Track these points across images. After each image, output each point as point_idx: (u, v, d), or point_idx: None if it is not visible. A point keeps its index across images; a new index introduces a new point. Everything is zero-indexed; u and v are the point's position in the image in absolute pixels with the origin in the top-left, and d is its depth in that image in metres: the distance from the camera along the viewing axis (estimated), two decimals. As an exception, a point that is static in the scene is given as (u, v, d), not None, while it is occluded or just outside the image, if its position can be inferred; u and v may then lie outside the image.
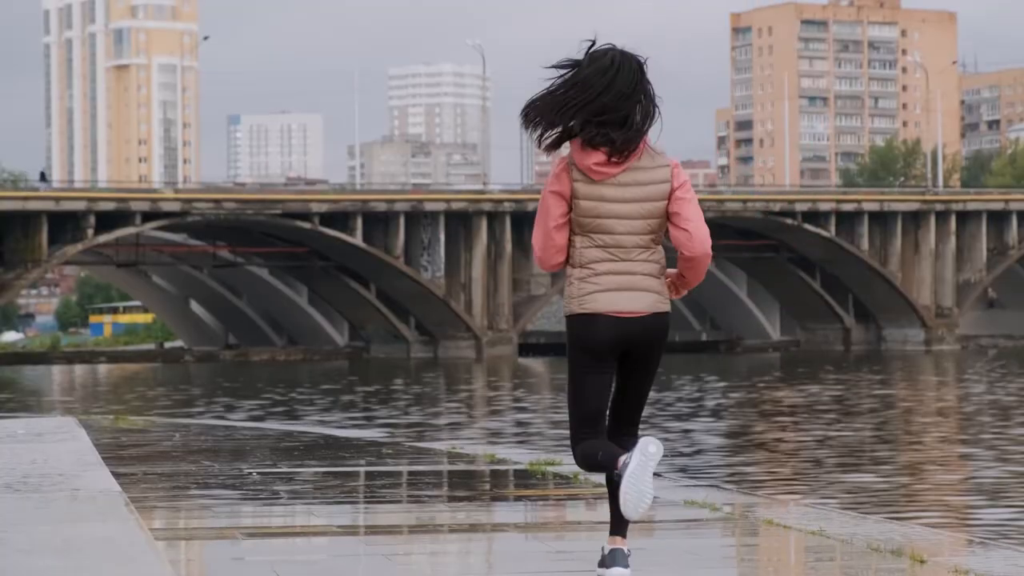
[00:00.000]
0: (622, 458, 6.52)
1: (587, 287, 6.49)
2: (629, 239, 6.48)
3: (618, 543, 6.79)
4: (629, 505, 6.57)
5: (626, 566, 6.70)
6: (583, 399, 6.60)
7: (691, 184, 6.58)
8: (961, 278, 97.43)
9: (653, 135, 6.51)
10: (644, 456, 6.52)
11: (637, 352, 6.62)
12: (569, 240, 6.51)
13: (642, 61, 6.52)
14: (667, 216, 6.54)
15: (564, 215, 6.48)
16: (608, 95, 6.40)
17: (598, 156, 6.42)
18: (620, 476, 6.51)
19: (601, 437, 6.62)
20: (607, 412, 6.66)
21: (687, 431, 26.20)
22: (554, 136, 6.49)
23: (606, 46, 6.50)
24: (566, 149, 6.51)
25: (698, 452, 21.77)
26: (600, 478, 8.69)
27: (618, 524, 6.79)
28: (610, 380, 6.62)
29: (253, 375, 62.58)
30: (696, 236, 6.56)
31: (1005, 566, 7.48)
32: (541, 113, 6.49)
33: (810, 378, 50.80)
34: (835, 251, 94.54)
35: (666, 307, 6.55)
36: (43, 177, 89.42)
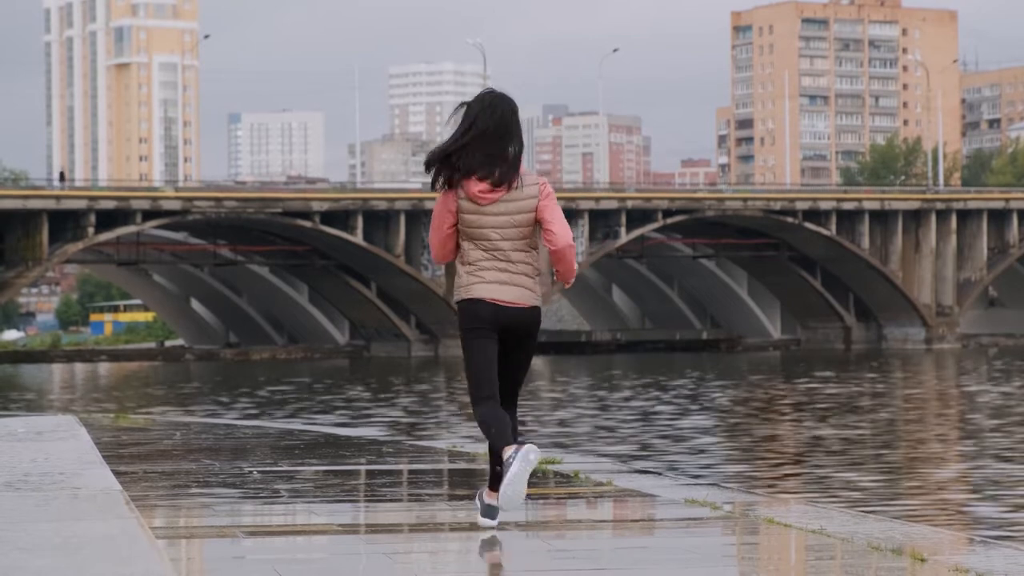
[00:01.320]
0: (508, 451, 7.89)
1: (472, 280, 8.01)
2: (505, 243, 8.01)
3: (495, 498, 8.21)
4: (507, 501, 7.97)
5: (496, 519, 8.33)
6: (476, 367, 8.04)
7: (554, 195, 8.18)
8: (962, 277, 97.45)
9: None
10: (524, 463, 7.89)
11: (513, 338, 8.05)
12: (458, 243, 8.09)
13: (516, 105, 8.01)
14: (538, 222, 8.04)
15: (452, 226, 8.08)
16: (491, 132, 7.94)
17: (483, 185, 7.96)
18: (502, 471, 7.91)
19: (495, 402, 8.02)
20: (496, 379, 8.02)
21: (687, 430, 26.20)
22: (444, 179, 8.01)
23: (487, 90, 8.04)
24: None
25: (698, 451, 21.77)
26: (599, 477, 10.58)
27: (496, 481, 8.13)
28: (495, 351, 8.00)
29: (253, 374, 62.59)
30: (559, 233, 8.03)
31: (1006, 564, 7.47)
32: (439, 158, 8.01)
33: (810, 376, 50.80)
34: (836, 250, 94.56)
35: (537, 301, 7.99)
36: (62, 177, 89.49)
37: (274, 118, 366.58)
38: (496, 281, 7.98)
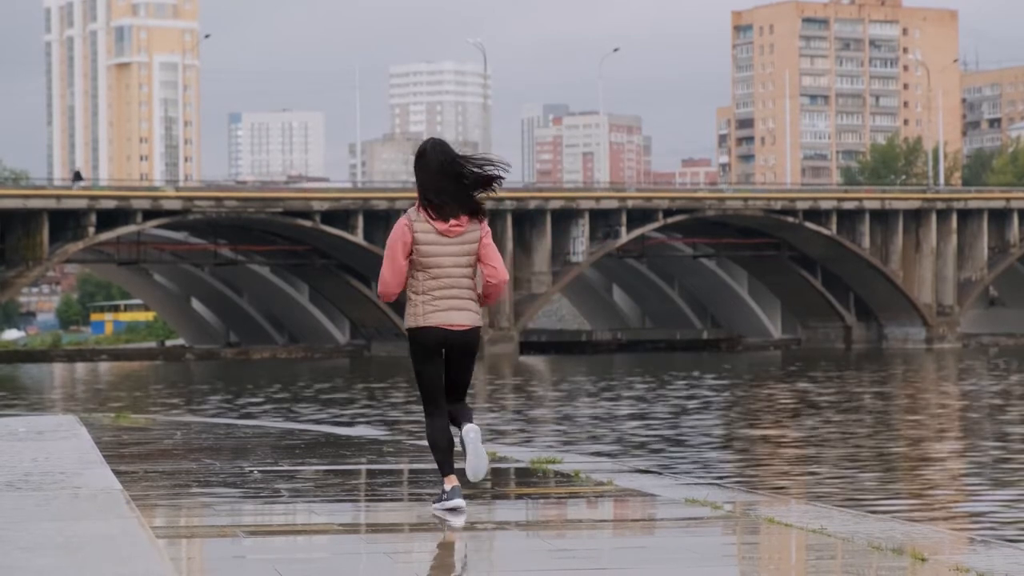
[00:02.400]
0: (453, 483, 9.36)
1: (428, 308, 9.20)
2: (457, 271, 9.19)
3: (455, 481, 9.44)
4: (475, 473, 9.38)
5: (462, 496, 9.40)
6: (427, 387, 9.37)
7: (491, 237, 9.31)
8: (962, 276, 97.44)
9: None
10: (471, 442, 9.33)
11: (458, 352, 9.30)
12: (410, 274, 9.22)
13: (454, 153, 9.33)
14: (478, 256, 9.26)
15: (407, 257, 9.20)
16: (450, 174, 9.31)
17: (449, 223, 9.21)
18: (446, 498, 9.37)
19: (443, 413, 9.37)
20: (443, 391, 9.36)
21: (687, 429, 26.20)
22: (430, 214, 9.36)
23: (431, 140, 9.50)
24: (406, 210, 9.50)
25: (699, 451, 21.77)
26: (599, 476, 11.22)
27: (451, 467, 9.44)
28: (441, 371, 9.33)
29: (254, 373, 62.59)
30: (499, 271, 9.23)
31: (1006, 564, 7.48)
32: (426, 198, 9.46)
33: (810, 376, 50.79)
34: (836, 249, 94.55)
35: (479, 322, 9.32)
36: (78, 176, 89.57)
37: (274, 118, 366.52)
38: (449, 308, 9.20)
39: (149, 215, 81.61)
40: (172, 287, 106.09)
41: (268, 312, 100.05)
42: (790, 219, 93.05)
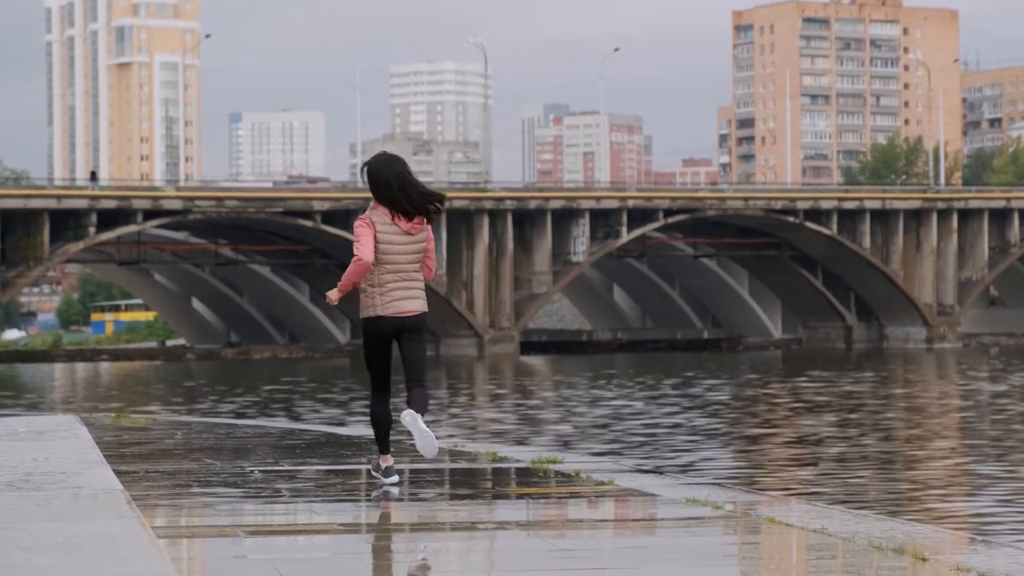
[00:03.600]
0: (388, 460, 10.78)
1: (385, 299, 10.47)
2: (410, 266, 10.51)
3: (390, 461, 10.81)
4: (423, 451, 10.53)
5: (396, 475, 10.79)
6: (375, 368, 10.65)
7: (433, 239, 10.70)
8: (963, 276, 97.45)
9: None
10: (410, 426, 10.42)
11: (410, 335, 10.54)
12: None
13: (404, 163, 10.58)
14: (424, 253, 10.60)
15: (375, 251, 10.44)
16: (400, 174, 10.53)
17: (412, 223, 10.48)
18: (378, 472, 10.83)
19: (387, 395, 10.72)
20: (390, 375, 10.65)
21: (688, 429, 26.20)
22: (395, 214, 10.54)
23: (381, 153, 10.69)
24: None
25: (699, 450, 21.77)
26: (600, 476, 11.50)
27: (387, 446, 10.78)
28: (389, 356, 10.60)
29: (261, 373, 62.61)
30: (432, 268, 10.69)
31: (1007, 564, 7.47)
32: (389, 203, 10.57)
33: (810, 376, 50.79)
34: (837, 249, 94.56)
35: (426, 308, 10.60)
36: (93, 176, 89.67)
37: (275, 118, 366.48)
38: (403, 298, 10.48)
39: (150, 215, 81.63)
40: (173, 287, 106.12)
41: (269, 312, 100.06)
42: (791, 219, 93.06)
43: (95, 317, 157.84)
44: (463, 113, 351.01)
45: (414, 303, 10.52)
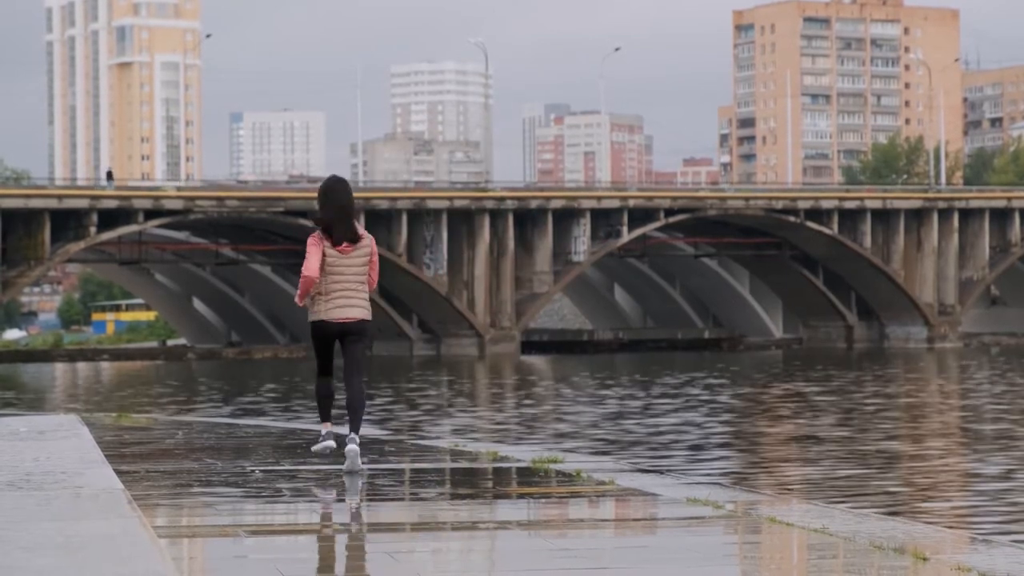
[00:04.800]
0: (327, 427, 12.37)
1: (330, 306, 12.03)
2: (353, 278, 12.05)
3: (330, 427, 12.39)
4: (351, 467, 11.80)
5: (332, 440, 12.31)
6: (321, 360, 12.29)
7: (376, 250, 12.24)
8: (964, 276, 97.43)
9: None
10: (353, 457, 11.83)
11: (351, 337, 12.12)
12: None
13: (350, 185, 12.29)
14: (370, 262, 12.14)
15: (322, 261, 11.93)
16: (340, 208, 12.08)
17: (341, 247, 11.98)
18: (320, 439, 12.40)
19: (329, 377, 12.35)
20: (331, 363, 12.26)
21: (689, 428, 26.20)
22: (326, 237, 12.08)
23: (332, 177, 12.35)
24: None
25: (700, 449, 21.77)
26: (601, 475, 11.62)
27: (327, 415, 12.47)
28: (332, 350, 12.23)
29: (255, 372, 62.61)
30: (374, 281, 12.19)
31: (1008, 563, 7.47)
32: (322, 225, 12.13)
33: (811, 375, 50.78)
34: (838, 249, 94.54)
35: (368, 316, 12.15)
36: (110, 176, 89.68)
37: (276, 117, 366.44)
38: (344, 305, 12.03)
39: (150, 215, 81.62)
40: (173, 287, 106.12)
41: (269, 311, 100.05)
42: (791, 218, 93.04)
43: (96, 317, 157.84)
44: (464, 113, 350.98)
45: (355, 311, 12.05)
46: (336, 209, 12.05)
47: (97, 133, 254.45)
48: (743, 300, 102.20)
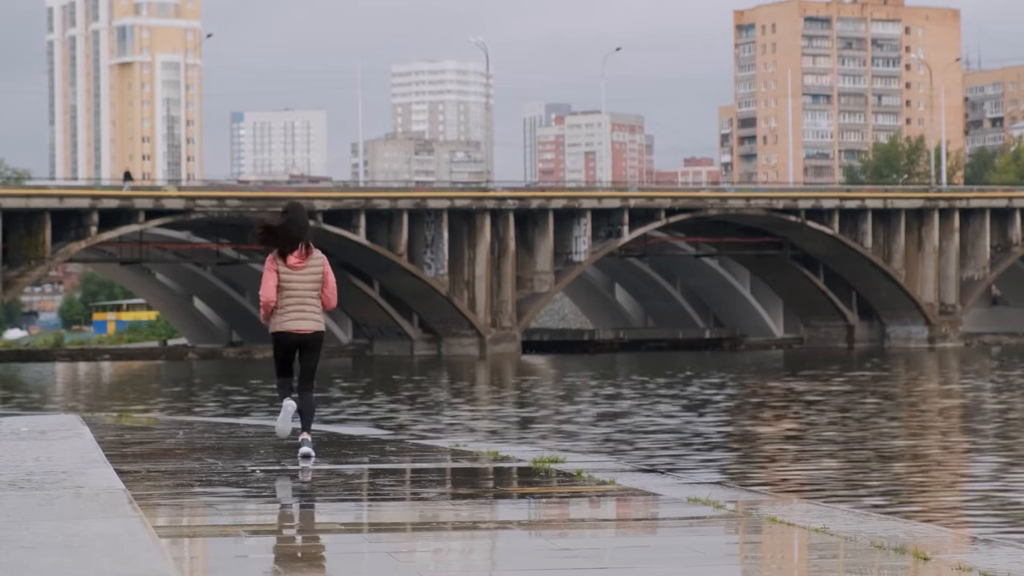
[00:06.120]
0: (287, 402, 13.29)
1: (286, 318, 13.17)
2: (305, 293, 13.17)
3: (289, 400, 13.35)
4: (278, 432, 13.42)
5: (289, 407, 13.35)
6: (280, 365, 13.35)
7: (329, 266, 13.39)
8: (964, 275, 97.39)
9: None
10: (286, 415, 13.31)
11: (306, 348, 13.25)
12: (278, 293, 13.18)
13: (305, 210, 13.47)
14: (323, 280, 13.22)
15: (276, 283, 13.11)
16: (296, 227, 13.18)
17: (293, 259, 13.13)
18: (279, 415, 13.36)
19: (288, 379, 13.36)
20: (292, 369, 13.32)
21: (689, 428, 26.20)
22: (276, 253, 13.22)
23: (290, 202, 13.42)
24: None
25: (701, 449, 21.76)
26: (602, 475, 11.58)
27: (285, 393, 13.39)
28: (292, 357, 13.31)
29: (256, 372, 62.60)
30: (331, 296, 13.27)
31: (1009, 563, 7.47)
32: (268, 239, 13.26)
33: (811, 375, 50.78)
34: (839, 248, 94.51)
35: (322, 328, 13.29)
36: (128, 176, 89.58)
37: (277, 117, 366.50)
38: (298, 318, 13.15)
39: (151, 215, 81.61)
40: (174, 286, 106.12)
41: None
42: (792, 218, 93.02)
43: (97, 316, 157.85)
44: (465, 112, 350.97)
45: (309, 323, 13.21)
46: (286, 231, 13.17)
47: (98, 133, 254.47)
48: (744, 300, 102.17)
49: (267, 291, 13.13)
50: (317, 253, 13.29)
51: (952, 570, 7.23)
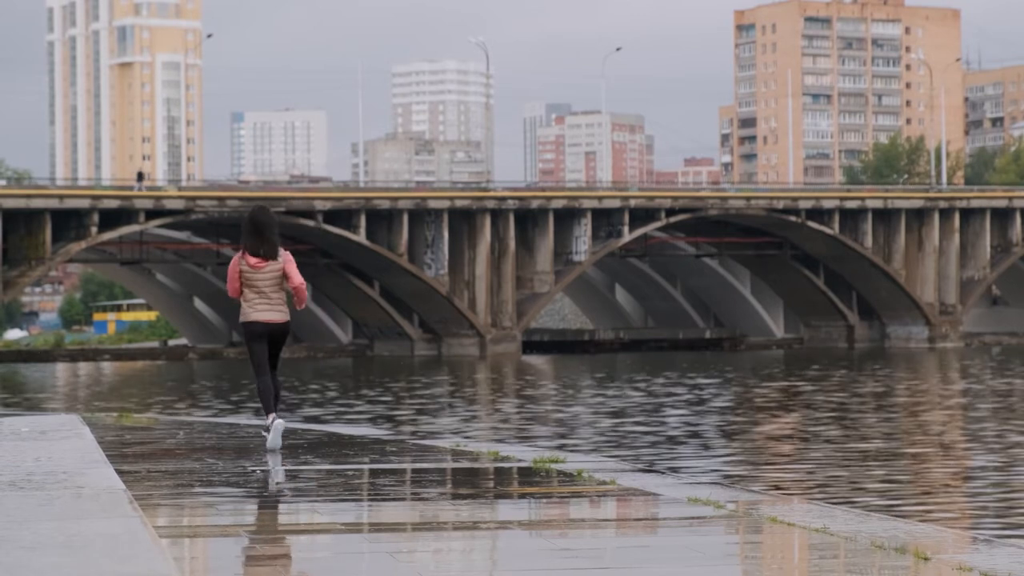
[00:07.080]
0: (271, 417, 14.08)
1: (252, 311, 14.21)
2: (268, 288, 14.21)
3: (273, 417, 14.10)
4: (272, 446, 13.87)
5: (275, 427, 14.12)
6: (256, 359, 14.32)
7: (292, 258, 14.41)
8: (965, 275, 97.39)
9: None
10: (277, 432, 13.97)
11: (275, 337, 14.35)
12: (241, 288, 14.30)
13: (272, 214, 14.49)
14: (285, 274, 14.28)
15: (238, 279, 14.25)
16: (260, 230, 14.21)
17: (255, 259, 14.17)
18: (269, 428, 14.12)
19: (267, 375, 14.33)
20: (267, 360, 14.33)
21: (690, 428, 26.20)
22: (241, 253, 14.28)
23: (257, 207, 14.37)
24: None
25: (702, 449, 21.76)
26: (602, 475, 10.33)
27: (271, 408, 14.22)
28: (265, 348, 14.33)
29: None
30: (293, 277, 14.25)
31: (1010, 563, 7.47)
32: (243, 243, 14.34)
33: (812, 375, 50.77)
34: (839, 248, 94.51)
35: (287, 318, 14.33)
36: (140, 177, 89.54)
37: (277, 117, 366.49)
38: (265, 309, 14.26)
39: (152, 215, 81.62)
40: (175, 286, 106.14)
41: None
42: (793, 218, 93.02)
43: (97, 317, 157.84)
44: (465, 112, 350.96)
45: (274, 314, 14.31)
46: (250, 233, 14.29)
47: (98, 133, 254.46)
48: (744, 300, 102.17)
49: (230, 288, 14.43)
50: (282, 253, 14.35)
51: (953, 570, 7.22)
